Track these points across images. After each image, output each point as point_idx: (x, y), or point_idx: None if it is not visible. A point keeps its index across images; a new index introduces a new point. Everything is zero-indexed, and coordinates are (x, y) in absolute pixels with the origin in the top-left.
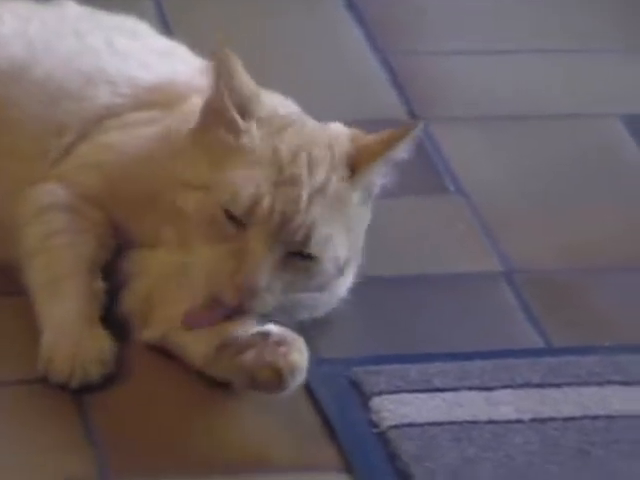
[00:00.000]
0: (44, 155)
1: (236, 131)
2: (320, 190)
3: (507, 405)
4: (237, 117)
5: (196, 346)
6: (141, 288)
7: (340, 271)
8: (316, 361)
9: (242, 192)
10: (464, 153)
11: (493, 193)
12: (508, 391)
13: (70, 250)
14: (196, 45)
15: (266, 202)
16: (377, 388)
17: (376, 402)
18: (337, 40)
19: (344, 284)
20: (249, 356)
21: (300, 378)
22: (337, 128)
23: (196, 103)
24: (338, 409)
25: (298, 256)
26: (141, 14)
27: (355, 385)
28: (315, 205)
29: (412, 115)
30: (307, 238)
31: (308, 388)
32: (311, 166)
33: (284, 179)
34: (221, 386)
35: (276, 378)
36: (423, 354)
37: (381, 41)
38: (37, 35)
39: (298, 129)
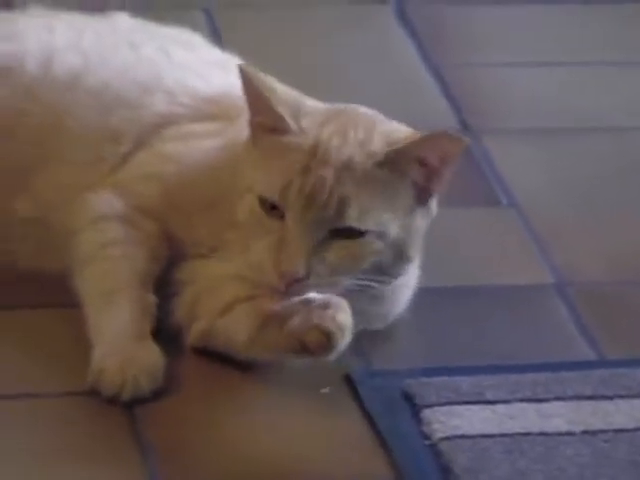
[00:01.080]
0: (98, 162)
1: (286, 131)
2: (347, 167)
3: (558, 417)
4: (289, 119)
5: (240, 326)
6: (191, 295)
7: (399, 255)
8: (368, 373)
9: (275, 179)
10: (515, 165)
11: (544, 205)
12: (560, 403)
13: (125, 262)
14: (248, 57)
15: (295, 185)
16: (428, 400)
17: (427, 414)
18: (390, 53)
19: (407, 293)
20: (296, 321)
21: (348, 338)
22: (398, 126)
23: None
24: (389, 421)
25: (341, 234)
26: (193, 26)
27: (407, 397)
28: (345, 181)
29: (464, 127)
30: (341, 211)
31: (359, 399)
32: (341, 145)
33: (315, 162)
34: (269, 397)
35: (325, 339)
36: (474, 366)
37: (433, 54)
38: (91, 46)
39: (344, 118)
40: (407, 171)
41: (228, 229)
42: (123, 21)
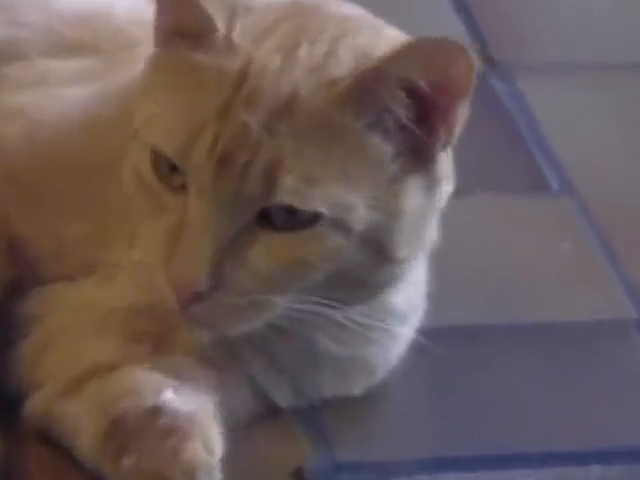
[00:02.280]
0: None
1: (207, 41)
2: (286, 107)
3: None
4: (218, 18)
5: (83, 425)
6: (38, 340)
7: (377, 254)
8: (332, 466)
9: (177, 124)
10: (567, 123)
11: (614, 191)
12: None
13: None
14: None
15: (204, 137)
16: None
17: None
18: None
19: (404, 333)
20: (130, 459)
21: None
22: (390, 32)
23: None
24: None
25: (276, 221)
26: None
27: None
28: (280, 131)
29: (490, 61)
30: (271, 180)
31: None
32: (282, 70)
33: (238, 100)
34: None
35: None
36: (506, 455)
37: None
38: None
39: (301, 21)
40: (388, 108)
41: (116, 222)
42: None
